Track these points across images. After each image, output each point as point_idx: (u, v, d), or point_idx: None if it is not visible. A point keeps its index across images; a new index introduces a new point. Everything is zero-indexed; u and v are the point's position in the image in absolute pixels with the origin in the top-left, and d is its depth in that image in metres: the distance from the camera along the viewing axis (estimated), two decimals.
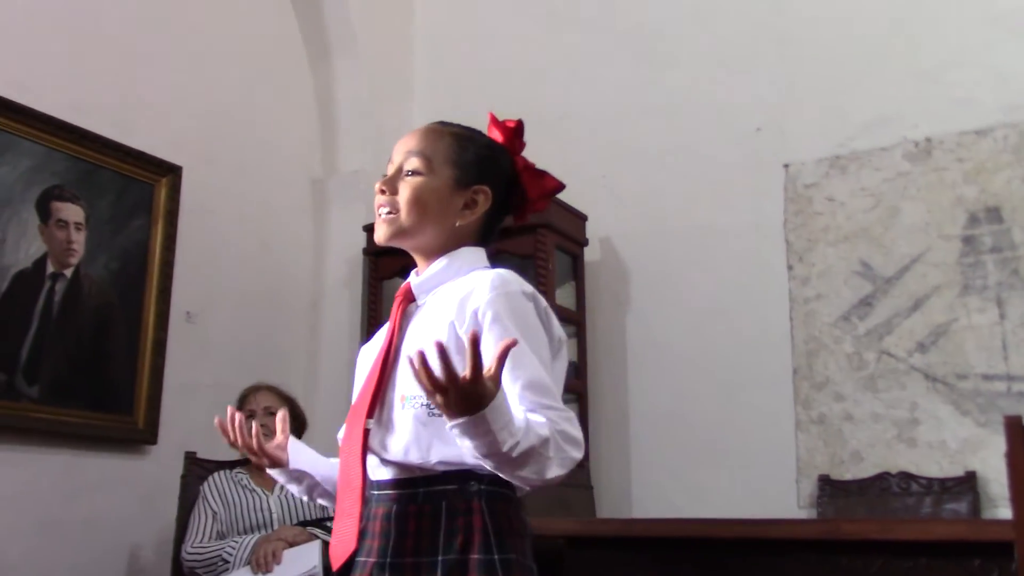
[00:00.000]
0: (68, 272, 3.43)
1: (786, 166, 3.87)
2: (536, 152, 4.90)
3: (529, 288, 1.54)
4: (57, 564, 3.23)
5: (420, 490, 1.46)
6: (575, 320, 4.05)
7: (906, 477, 3.38)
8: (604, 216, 4.18)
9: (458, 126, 1.67)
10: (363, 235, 4.32)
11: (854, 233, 3.69)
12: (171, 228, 3.78)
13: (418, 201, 1.55)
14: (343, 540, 1.48)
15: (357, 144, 4.55)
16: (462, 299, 1.49)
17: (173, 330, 3.73)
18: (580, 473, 3.55)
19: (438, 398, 1.27)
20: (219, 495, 3.14)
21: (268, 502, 3.14)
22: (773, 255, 3.81)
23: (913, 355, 3.49)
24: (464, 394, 1.25)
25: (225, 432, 1.64)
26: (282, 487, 3.17)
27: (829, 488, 3.49)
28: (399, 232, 1.58)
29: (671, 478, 3.79)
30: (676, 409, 3.87)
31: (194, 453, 3.37)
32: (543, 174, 1.69)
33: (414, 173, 1.57)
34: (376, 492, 1.53)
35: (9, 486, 3.11)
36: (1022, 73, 3.52)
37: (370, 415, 1.50)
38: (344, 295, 4.36)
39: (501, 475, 1.38)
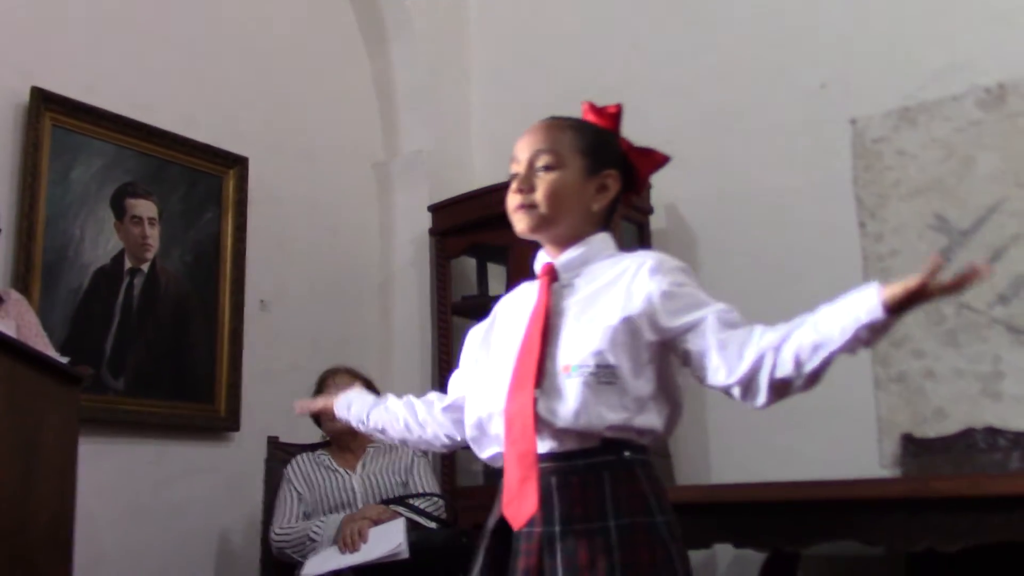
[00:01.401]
0: (145, 267, 3.51)
1: (853, 121, 3.79)
2: None
3: (684, 264, 1.63)
4: (148, 550, 3.33)
5: (580, 462, 1.53)
6: None
7: (992, 432, 3.30)
8: (669, 183, 4.08)
9: (571, 118, 1.74)
10: (427, 216, 4.34)
11: (927, 186, 3.60)
12: (241, 218, 3.84)
13: (556, 194, 1.63)
14: (527, 501, 1.50)
15: (417, 125, 4.57)
16: (628, 287, 1.57)
17: (248, 319, 3.81)
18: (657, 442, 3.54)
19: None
20: (303, 477, 3.20)
21: (351, 481, 3.20)
22: (844, 213, 3.74)
23: (994, 307, 3.41)
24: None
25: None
26: (364, 466, 3.24)
27: (912, 446, 3.43)
28: (541, 223, 1.65)
29: (749, 443, 3.76)
30: None
31: (276, 438, 3.43)
32: (649, 151, 1.75)
33: (547, 168, 1.65)
34: None
35: (101, 476, 3.20)
36: None
37: (537, 385, 1.55)
38: (412, 276, 4.39)
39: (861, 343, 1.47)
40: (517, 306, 1.71)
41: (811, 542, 2.61)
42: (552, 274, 1.67)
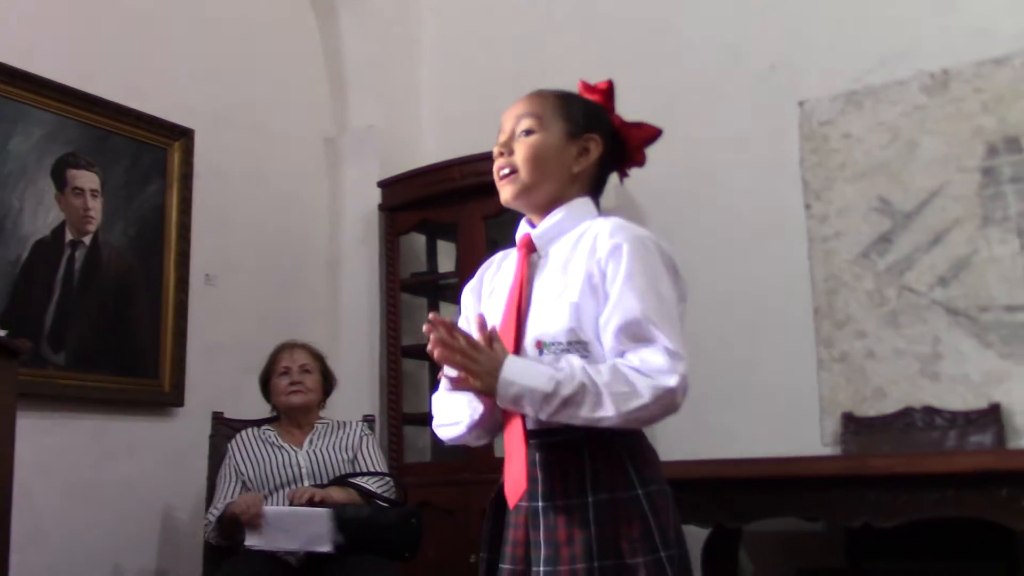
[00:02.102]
0: (87, 239, 3.44)
1: (801, 104, 3.83)
2: None
3: (648, 232, 1.61)
4: (90, 527, 3.29)
5: (560, 438, 1.54)
6: None
7: (930, 412, 3.38)
8: None
9: (558, 90, 1.75)
10: (377, 191, 4.31)
11: (872, 169, 3.65)
12: (186, 191, 3.79)
13: (536, 156, 1.64)
14: (516, 480, 1.53)
15: (367, 100, 4.52)
16: (589, 252, 1.56)
17: (194, 293, 3.76)
18: None
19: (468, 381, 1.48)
20: (247, 453, 3.17)
21: (297, 458, 3.16)
22: (790, 194, 3.78)
23: (934, 289, 3.47)
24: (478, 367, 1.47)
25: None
26: (311, 442, 3.21)
27: (853, 425, 3.50)
28: (523, 189, 1.65)
29: (694, 421, 3.74)
30: (696, 352, 3.78)
31: (221, 413, 3.40)
32: (640, 124, 1.76)
33: (528, 132, 1.66)
34: None
35: (40, 452, 3.15)
36: None
37: None
38: (361, 252, 4.36)
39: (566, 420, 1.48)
40: (503, 275, 1.72)
41: (753, 518, 2.65)
42: (530, 245, 1.66)
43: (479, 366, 1.48)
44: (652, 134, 1.76)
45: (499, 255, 1.77)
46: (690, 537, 3.57)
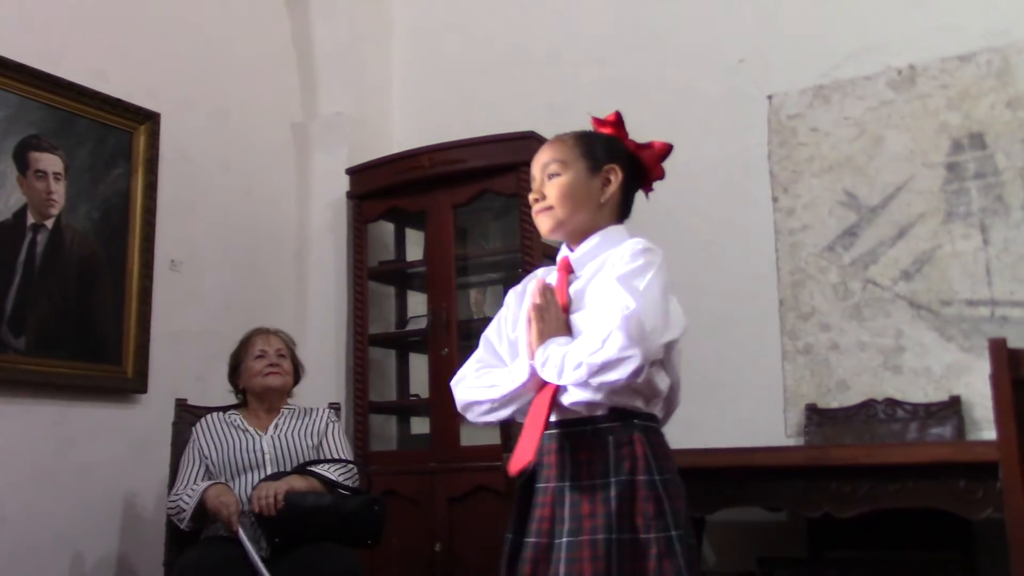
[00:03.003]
0: (49, 223, 3.40)
1: (769, 97, 3.85)
2: (520, 90, 4.89)
3: (654, 247, 1.86)
4: (51, 514, 3.25)
5: (588, 428, 1.78)
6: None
7: (892, 404, 3.41)
8: None
9: (572, 132, 1.99)
10: (345, 179, 4.28)
11: (838, 163, 3.68)
12: (151, 176, 3.75)
13: (564, 194, 1.90)
14: (524, 452, 1.76)
15: (337, 87, 4.49)
16: (611, 269, 1.80)
17: (158, 278, 3.72)
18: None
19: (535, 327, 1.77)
20: (210, 436, 3.13)
21: (261, 442, 3.12)
22: (758, 187, 3.81)
23: (898, 283, 3.51)
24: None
25: None
26: (276, 427, 3.17)
27: (816, 416, 3.53)
28: (558, 223, 1.91)
29: None
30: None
31: (184, 400, 3.37)
32: (650, 144, 2.00)
33: (554, 176, 1.91)
34: (547, 432, 1.82)
35: (1, 439, 3.11)
36: None
37: None
38: (329, 239, 4.34)
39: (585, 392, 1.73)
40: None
41: (716, 508, 2.66)
42: (568, 267, 1.90)
43: (551, 325, 1.78)
44: (663, 150, 2.00)
45: (542, 270, 2.00)
46: None
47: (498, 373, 1.90)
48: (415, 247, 4.37)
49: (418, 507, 3.73)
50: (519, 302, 1.97)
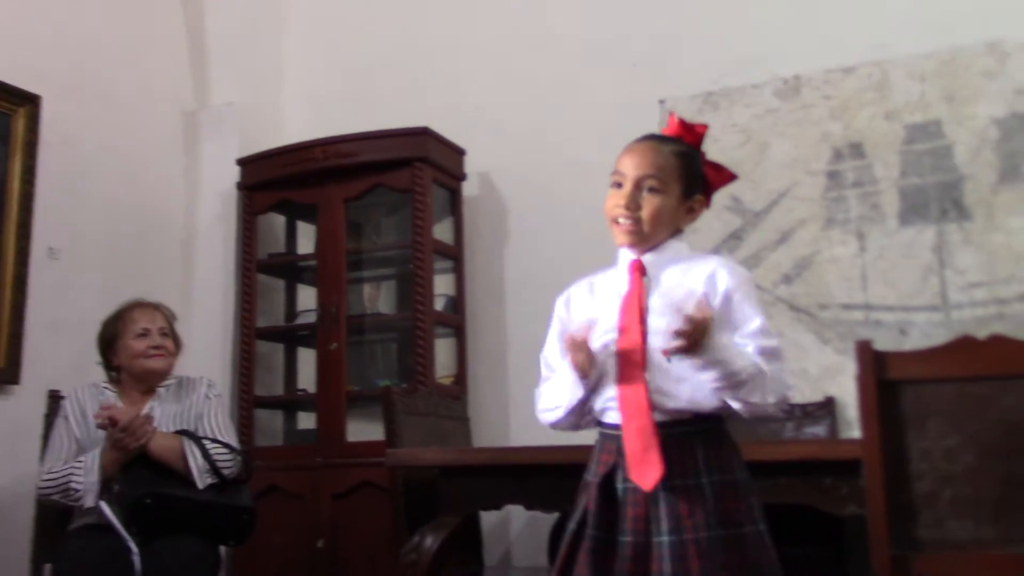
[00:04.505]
0: None
1: (661, 102, 3.91)
2: (416, 85, 4.85)
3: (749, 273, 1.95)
4: None
5: (678, 430, 1.80)
6: (453, 255, 4.06)
7: None
8: (483, 152, 4.16)
9: (671, 141, 1.94)
10: (236, 169, 4.20)
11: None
12: (30, 160, 3.62)
13: (659, 217, 1.88)
14: (653, 467, 1.77)
15: (230, 75, 4.42)
16: (708, 278, 1.84)
17: (35, 266, 3.59)
18: (456, 405, 3.58)
19: (684, 339, 1.69)
20: (81, 412, 2.95)
21: None
22: None
23: (779, 287, 3.61)
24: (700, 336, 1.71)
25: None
26: (151, 409, 3.00)
27: None
28: (641, 239, 1.89)
29: None
30: None
31: (58, 392, 3.24)
32: (720, 168, 1.98)
33: (652, 191, 1.88)
34: None
35: None
36: (885, 11, 3.62)
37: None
38: (218, 230, 4.25)
39: (733, 400, 1.77)
40: (600, 291, 1.95)
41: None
42: (641, 269, 1.89)
43: (700, 333, 1.72)
44: (728, 178, 2.00)
45: (587, 279, 2.00)
46: (540, 524, 3.64)
47: (556, 394, 1.90)
48: (306, 240, 4.32)
49: (302, 503, 3.69)
50: (567, 310, 1.97)
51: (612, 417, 1.84)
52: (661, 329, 1.80)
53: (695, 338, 1.70)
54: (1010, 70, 3.43)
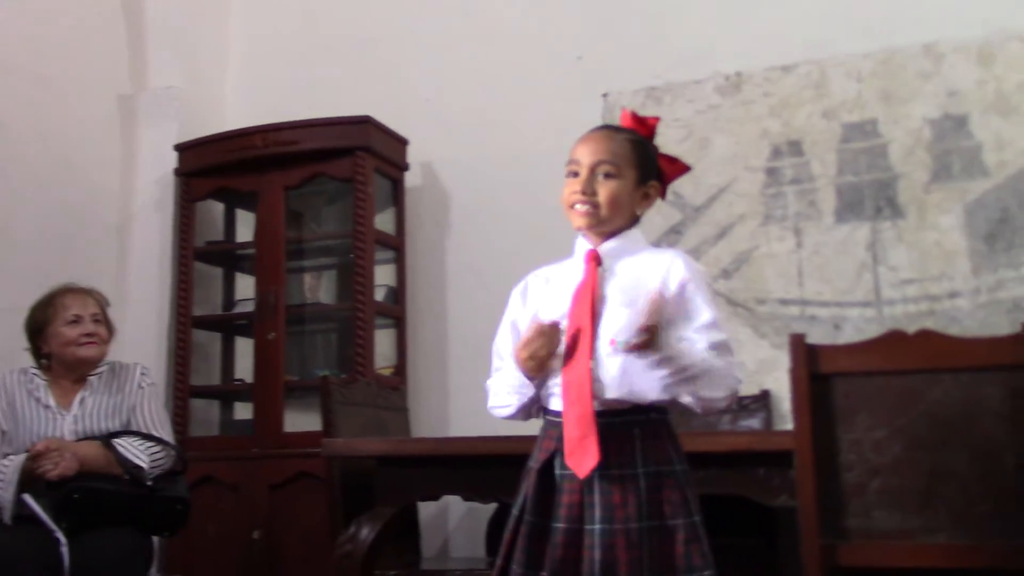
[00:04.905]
0: None
1: (605, 95, 3.93)
2: (359, 74, 4.82)
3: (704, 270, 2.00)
4: None
5: (616, 420, 1.82)
6: (394, 245, 4.04)
7: None
8: (426, 141, 4.15)
9: (623, 130, 2.00)
10: (174, 155, 4.14)
11: None
12: None
13: (616, 200, 1.92)
14: (589, 455, 1.78)
15: (169, 59, 4.33)
16: (664, 272, 1.87)
17: None
18: (395, 396, 3.56)
19: (646, 336, 1.71)
20: (7, 403, 2.87)
21: (62, 426, 2.86)
22: None
23: (718, 281, 3.65)
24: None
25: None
26: (81, 403, 2.94)
27: None
28: (598, 223, 1.93)
29: (482, 399, 3.84)
30: (494, 333, 3.91)
31: None
32: (675, 160, 2.04)
33: (607, 176, 1.92)
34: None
35: None
36: (825, 11, 3.67)
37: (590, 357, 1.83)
38: (154, 217, 4.18)
39: (685, 395, 1.80)
40: (555, 281, 1.97)
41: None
42: (597, 259, 1.92)
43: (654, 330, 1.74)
44: (682, 170, 2.05)
45: (544, 269, 2.04)
46: (478, 515, 3.64)
47: (504, 394, 1.94)
48: (245, 228, 4.26)
49: (238, 494, 3.65)
50: (523, 301, 2.00)
51: (556, 404, 1.86)
52: (613, 319, 1.84)
53: (652, 333, 1.73)
54: (945, 72, 3.51)
